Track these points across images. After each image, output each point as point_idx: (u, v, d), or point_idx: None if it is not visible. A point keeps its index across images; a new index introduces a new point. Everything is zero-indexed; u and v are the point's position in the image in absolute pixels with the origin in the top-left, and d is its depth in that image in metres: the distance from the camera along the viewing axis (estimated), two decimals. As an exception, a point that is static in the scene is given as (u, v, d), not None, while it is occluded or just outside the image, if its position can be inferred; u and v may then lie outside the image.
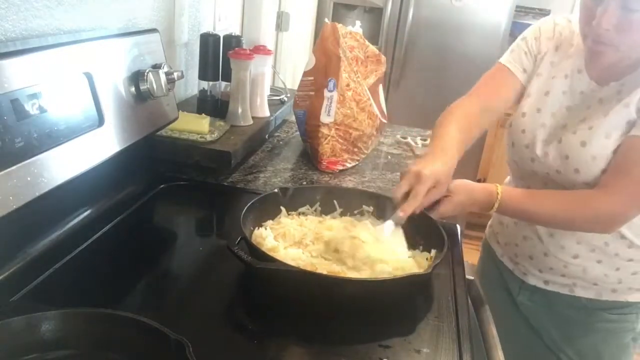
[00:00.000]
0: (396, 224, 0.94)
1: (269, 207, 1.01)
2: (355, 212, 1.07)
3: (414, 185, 0.94)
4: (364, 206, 1.07)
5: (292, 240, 0.95)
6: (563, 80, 1.08)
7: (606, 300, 1.13)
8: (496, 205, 1.04)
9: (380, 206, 1.06)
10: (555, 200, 1.04)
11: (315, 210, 1.06)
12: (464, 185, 1.07)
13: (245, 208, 0.94)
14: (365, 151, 1.50)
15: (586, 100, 1.05)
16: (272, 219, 1.01)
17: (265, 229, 0.96)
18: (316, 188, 1.16)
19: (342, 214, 1.06)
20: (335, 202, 1.07)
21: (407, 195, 0.94)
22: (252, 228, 0.95)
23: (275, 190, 1.05)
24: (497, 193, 1.04)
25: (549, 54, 1.12)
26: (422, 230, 0.99)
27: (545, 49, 1.13)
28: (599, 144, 1.00)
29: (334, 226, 0.99)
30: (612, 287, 1.12)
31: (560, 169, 1.06)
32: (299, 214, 1.05)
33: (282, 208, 1.03)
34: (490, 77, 1.19)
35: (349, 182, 1.35)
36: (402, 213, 0.93)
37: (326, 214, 1.06)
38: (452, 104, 1.18)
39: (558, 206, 1.03)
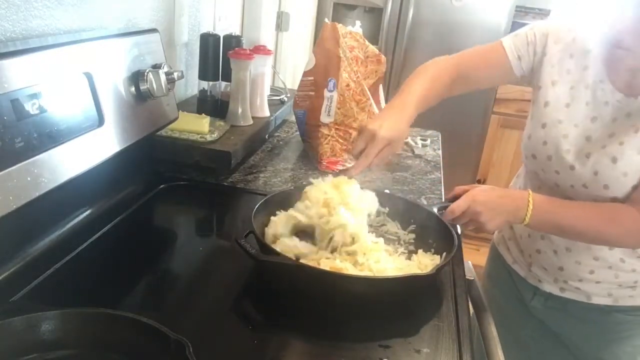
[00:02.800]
0: (349, 178, 1.01)
1: (283, 204, 1.01)
2: None
3: (367, 145, 1.01)
4: (379, 207, 1.07)
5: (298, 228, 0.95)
6: (585, 91, 1.03)
7: (623, 305, 1.12)
8: (530, 200, 0.98)
9: (396, 207, 1.06)
10: (587, 211, 1.00)
11: None
12: (488, 189, 1.03)
13: (259, 203, 0.95)
14: (365, 151, 1.50)
15: (612, 112, 1.00)
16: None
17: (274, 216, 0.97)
18: None
19: None
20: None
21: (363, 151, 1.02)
22: (263, 224, 0.95)
23: (292, 187, 1.05)
24: (528, 192, 1.00)
25: (565, 62, 1.06)
26: (432, 233, 0.99)
27: (552, 52, 1.07)
28: (631, 160, 0.96)
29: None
30: (628, 294, 1.11)
31: (588, 184, 1.02)
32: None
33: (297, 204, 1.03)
34: (482, 49, 1.18)
35: (349, 182, 1.35)
36: (354, 171, 1.02)
37: None
38: (433, 59, 1.19)
39: (589, 217, 1.00)
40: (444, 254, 0.92)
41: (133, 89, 1.04)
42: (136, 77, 1.04)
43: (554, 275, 1.16)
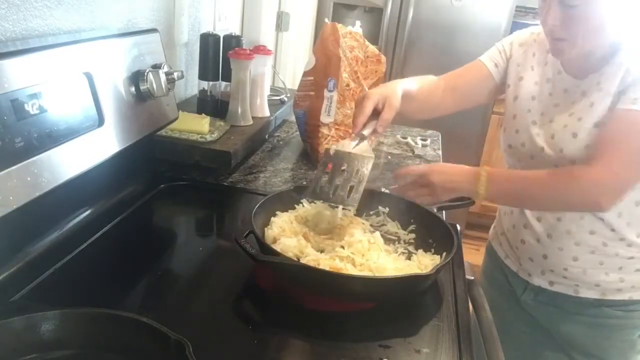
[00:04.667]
0: (358, 139, 1.02)
1: (283, 204, 1.02)
2: (371, 212, 1.07)
3: (361, 103, 1.04)
4: (379, 207, 1.07)
5: (298, 230, 0.95)
6: (546, 84, 1.13)
7: (611, 299, 1.13)
8: (484, 173, 1.02)
9: (396, 207, 1.06)
10: (544, 177, 1.03)
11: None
12: (445, 164, 1.13)
13: (259, 204, 0.95)
14: (365, 151, 1.50)
15: (571, 96, 1.08)
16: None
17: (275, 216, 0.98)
18: None
19: (357, 214, 1.06)
20: None
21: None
22: (262, 224, 0.96)
23: (291, 187, 1.05)
24: (482, 173, 1.03)
25: (528, 60, 1.18)
26: (432, 233, 1.00)
27: (517, 54, 1.20)
28: (589, 132, 1.02)
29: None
30: (615, 286, 1.12)
31: (558, 163, 1.07)
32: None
33: (296, 206, 1.03)
34: (463, 66, 1.28)
35: (349, 182, 1.35)
36: (354, 129, 1.03)
37: None
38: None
39: (547, 183, 1.02)
40: (444, 253, 0.92)
41: (133, 89, 1.04)
42: (136, 77, 1.04)
43: (541, 266, 1.17)
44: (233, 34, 1.47)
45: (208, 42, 1.43)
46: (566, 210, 1.09)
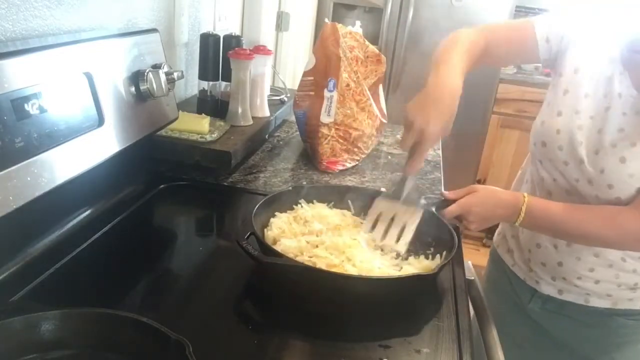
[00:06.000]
0: (407, 177, 1.00)
1: (282, 204, 1.02)
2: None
3: (418, 143, 0.94)
4: None
5: (297, 231, 0.95)
6: (604, 83, 1.02)
7: (623, 308, 1.11)
8: (523, 208, 1.00)
9: None
10: (584, 213, 1.00)
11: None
12: (487, 187, 1.05)
13: (258, 204, 0.95)
14: (365, 151, 1.50)
15: (622, 106, 0.99)
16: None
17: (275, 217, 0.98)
18: (331, 187, 1.15)
19: (356, 214, 1.06)
20: (349, 202, 1.07)
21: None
22: (262, 225, 0.96)
23: (290, 188, 1.05)
24: (524, 196, 1.00)
25: (590, 50, 1.04)
26: (432, 232, 0.99)
27: (579, 40, 1.05)
28: (639, 162, 0.96)
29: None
30: (627, 296, 1.10)
31: (593, 181, 1.01)
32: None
33: (295, 207, 1.03)
34: (511, 27, 1.15)
35: (349, 182, 1.35)
36: (411, 170, 0.98)
37: None
38: (463, 31, 1.12)
39: (586, 219, 0.99)
40: (444, 253, 0.92)
41: (133, 89, 1.04)
42: (136, 77, 1.04)
43: (553, 273, 1.15)
44: (233, 34, 1.47)
45: (208, 42, 1.43)
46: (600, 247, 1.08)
